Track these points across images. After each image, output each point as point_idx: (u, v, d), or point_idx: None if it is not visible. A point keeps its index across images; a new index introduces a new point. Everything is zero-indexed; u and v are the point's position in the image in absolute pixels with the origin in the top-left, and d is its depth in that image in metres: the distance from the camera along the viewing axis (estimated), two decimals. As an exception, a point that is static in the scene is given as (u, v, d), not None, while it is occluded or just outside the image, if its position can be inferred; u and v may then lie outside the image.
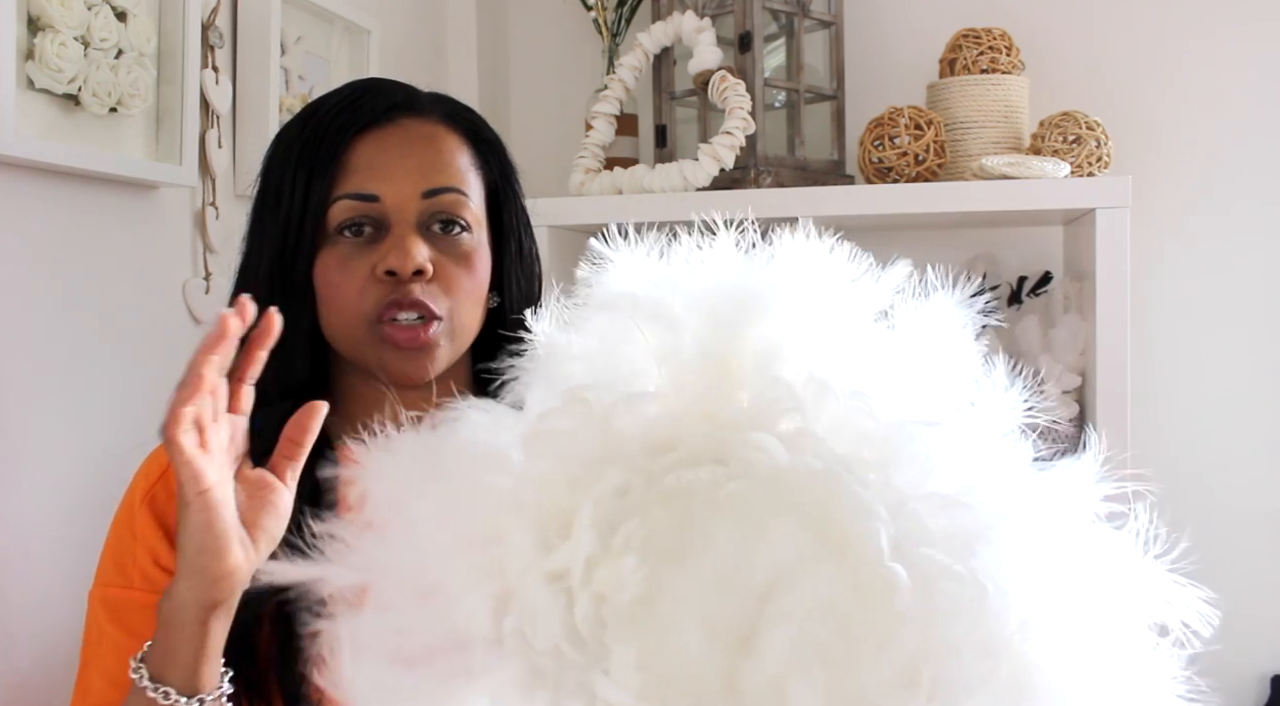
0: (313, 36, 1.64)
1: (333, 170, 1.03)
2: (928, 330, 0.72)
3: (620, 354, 0.68)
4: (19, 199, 1.20)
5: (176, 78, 1.36)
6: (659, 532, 0.60)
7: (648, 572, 0.58)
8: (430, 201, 1.04)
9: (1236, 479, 1.99)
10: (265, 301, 1.04)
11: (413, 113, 1.07)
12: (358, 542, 0.67)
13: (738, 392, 0.66)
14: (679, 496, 0.61)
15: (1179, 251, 2.01)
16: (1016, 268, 2.04)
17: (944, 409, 0.69)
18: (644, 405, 0.65)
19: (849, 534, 0.59)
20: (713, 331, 0.67)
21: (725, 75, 1.86)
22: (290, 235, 1.03)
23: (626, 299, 0.69)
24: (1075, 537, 0.66)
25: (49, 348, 1.24)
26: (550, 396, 0.68)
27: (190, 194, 1.43)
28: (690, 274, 0.71)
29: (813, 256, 0.73)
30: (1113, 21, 2.02)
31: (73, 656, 1.25)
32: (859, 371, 0.68)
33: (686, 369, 0.67)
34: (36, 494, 1.22)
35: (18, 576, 1.19)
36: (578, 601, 0.59)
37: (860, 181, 1.95)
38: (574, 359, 0.70)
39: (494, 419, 0.69)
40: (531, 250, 1.15)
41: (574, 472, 0.63)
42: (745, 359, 0.67)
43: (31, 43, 1.17)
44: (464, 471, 0.66)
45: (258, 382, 1.05)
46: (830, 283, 0.72)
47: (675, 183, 1.85)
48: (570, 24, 2.18)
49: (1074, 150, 1.78)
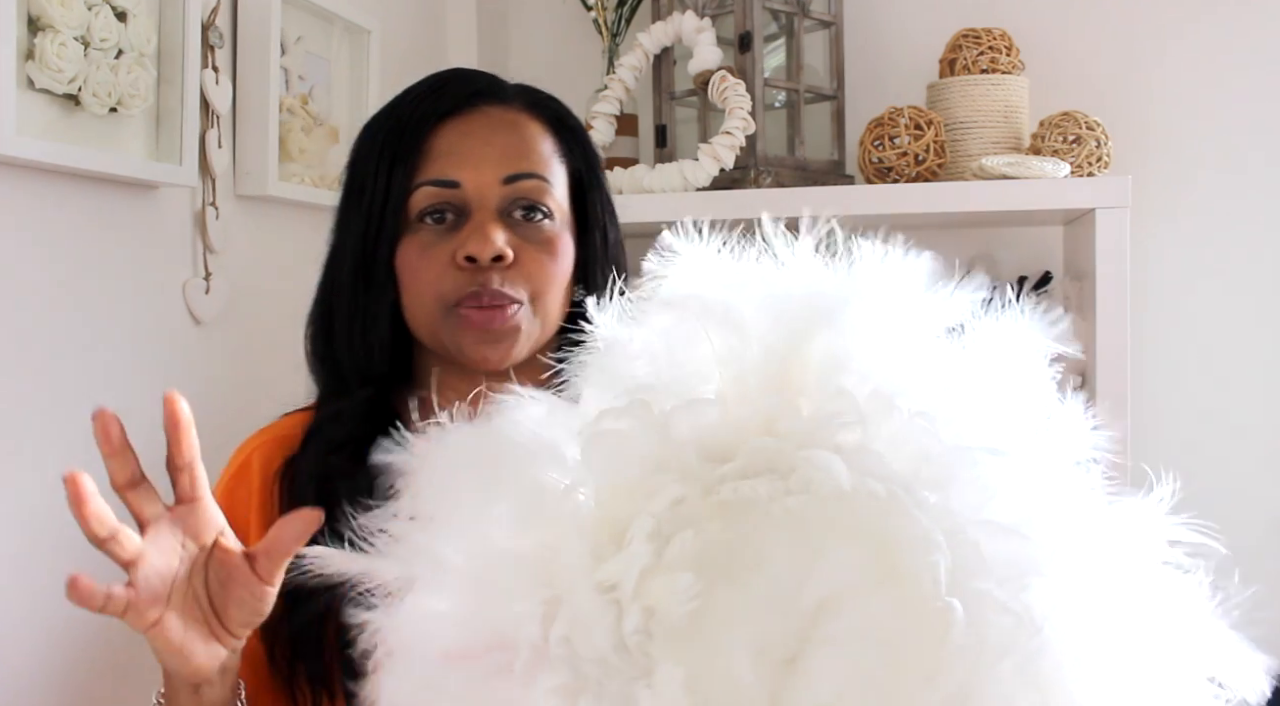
0: (313, 36, 1.64)
1: (415, 157, 1.03)
2: (1001, 350, 0.69)
3: (683, 354, 0.67)
4: (19, 199, 1.20)
5: (176, 78, 1.36)
6: (712, 547, 0.58)
7: (700, 589, 0.57)
8: (511, 187, 1.03)
9: (1237, 478, 1.99)
10: (350, 289, 1.05)
11: (495, 100, 1.07)
12: (405, 535, 0.66)
13: (799, 401, 0.64)
14: (735, 509, 0.59)
15: (1179, 251, 2.00)
16: (1016, 268, 2.03)
17: (1010, 434, 0.66)
18: (704, 411, 0.63)
19: (907, 562, 0.57)
20: (778, 337, 0.66)
21: (725, 75, 1.86)
22: (373, 223, 1.03)
23: (693, 299, 0.67)
24: (1136, 578, 0.65)
25: (49, 348, 1.24)
26: (608, 394, 0.66)
27: (190, 194, 1.43)
28: (761, 276, 0.69)
29: (888, 266, 0.71)
30: (1113, 21, 2.02)
31: (73, 657, 1.25)
32: (926, 388, 0.66)
33: (749, 373, 0.65)
34: (36, 494, 1.22)
35: (18, 576, 1.19)
36: (627, 613, 0.58)
37: (860, 181, 1.95)
38: (635, 356, 0.68)
39: (548, 411, 0.68)
40: (618, 241, 1.12)
41: (630, 478, 0.62)
42: (810, 367, 0.65)
43: (31, 43, 1.17)
44: (516, 466, 0.64)
45: (339, 370, 1.05)
46: (904, 294, 0.70)
47: (675, 183, 1.85)
48: (570, 24, 2.18)
49: (1074, 150, 1.78)
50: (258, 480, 1.05)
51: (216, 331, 1.48)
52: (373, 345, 1.04)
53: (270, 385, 1.58)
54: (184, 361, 1.43)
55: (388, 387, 1.07)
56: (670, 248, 0.71)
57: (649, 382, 0.66)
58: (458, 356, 1.03)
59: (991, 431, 0.66)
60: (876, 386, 0.64)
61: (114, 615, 0.75)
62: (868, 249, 0.71)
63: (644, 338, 0.68)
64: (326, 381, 1.09)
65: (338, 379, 1.07)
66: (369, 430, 0.97)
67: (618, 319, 0.70)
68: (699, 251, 0.71)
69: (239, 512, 1.03)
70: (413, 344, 1.08)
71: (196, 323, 1.44)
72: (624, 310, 0.70)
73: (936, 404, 0.64)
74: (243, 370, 1.53)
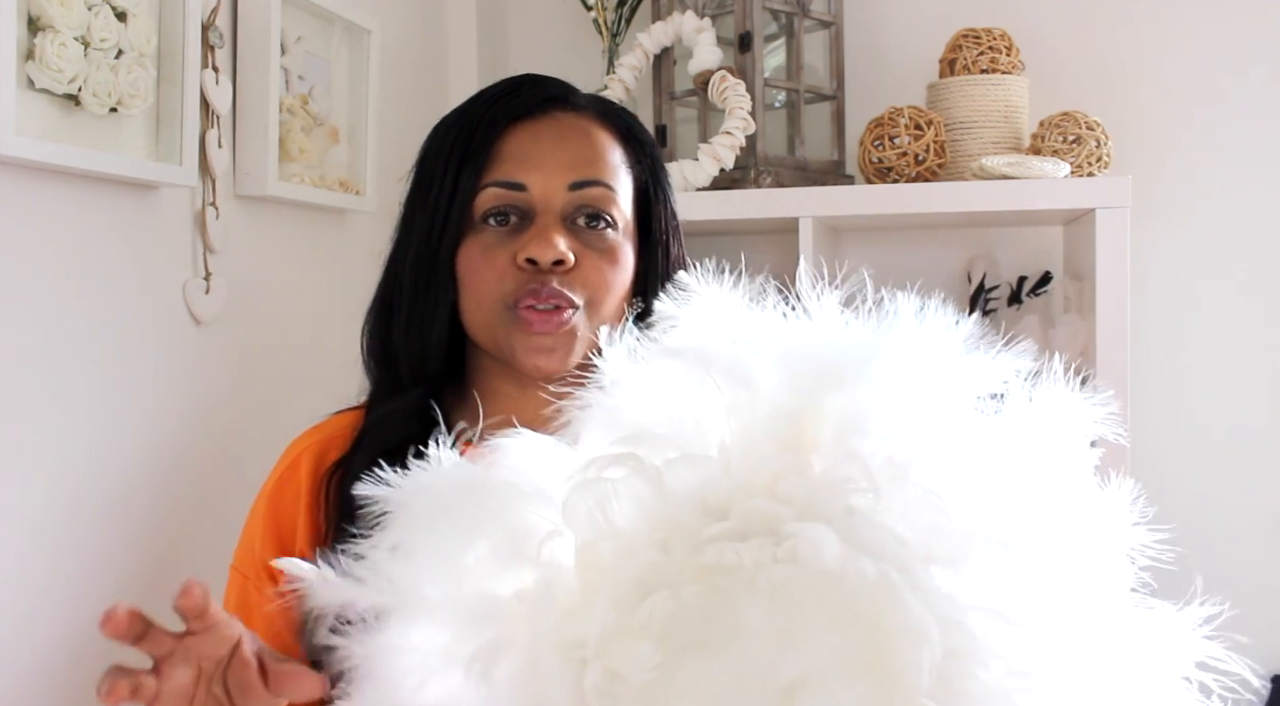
0: (313, 36, 1.64)
1: (483, 158, 1.03)
2: (1039, 426, 0.65)
3: (688, 403, 0.64)
4: (19, 199, 1.19)
5: (176, 78, 1.35)
6: (687, 612, 0.56)
7: (664, 660, 0.54)
8: (577, 194, 1.04)
9: (1237, 478, 1.99)
10: (411, 288, 1.05)
11: (567, 107, 1.07)
12: (384, 566, 0.65)
13: (810, 460, 0.61)
14: (717, 574, 0.56)
15: (1179, 251, 2.01)
16: (1016, 268, 2.04)
17: (1035, 521, 0.62)
18: (703, 466, 0.61)
19: (892, 652, 0.54)
20: (790, 394, 0.63)
21: (725, 75, 1.86)
22: (438, 221, 1.04)
23: (703, 347, 0.65)
24: (1148, 694, 0.61)
25: (49, 347, 1.24)
26: (607, 436, 0.64)
27: (190, 194, 1.43)
28: (779, 328, 0.66)
29: (923, 324, 0.67)
30: (1113, 21, 2.02)
31: (73, 657, 1.25)
32: (949, 460, 0.62)
33: (756, 429, 0.63)
34: (36, 494, 1.22)
35: (18, 576, 1.19)
36: (589, 671, 0.56)
37: (860, 181, 1.95)
38: (639, 399, 0.66)
39: (546, 451, 0.66)
40: (680, 256, 1.13)
41: (613, 530, 0.59)
42: (825, 426, 0.62)
43: (31, 43, 1.17)
44: (501, 505, 0.63)
45: (393, 369, 1.06)
46: (937, 356, 0.66)
47: (675, 183, 1.83)
48: (570, 24, 2.18)
49: (1074, 150, 1.78)
50: (307, 481, 1.05)
51: (216, 331, 1.48)
52: (430, 345, 1.05)
53: (270, 385, 1.58)
54: (184, 361, 1.43)
55: (439, 389, 1.07)
56: (686, 289, 0.68)
57: (649, 430, 0.63)
58: (511, 360, 1.03)
59: (1015, 515, 0.61)
60: (893, 453, 0.60)
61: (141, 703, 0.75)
62: (903, 304, 0.68)
63: (650, 381, 0.66)
64: (381, 380, 1.09)
65: (393, 378, 1.07)
66: (421, 431, 0.98)
67: (627, 357, 0.68)
68: (716, 296, 0.68)
69: (286, 513, 1.04)
70: (466, 345, 1.09)
71: (196, 323, 1.44)
72: (635, 348, 0.68)
73: (958, 478, 0.61)
74: (243, 370, 1.53)
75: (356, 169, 1.73)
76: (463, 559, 0.62)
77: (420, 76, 2.00)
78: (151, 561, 1.37)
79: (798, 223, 1.78)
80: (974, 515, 0.60)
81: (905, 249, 2.08)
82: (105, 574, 1.30)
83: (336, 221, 1.74)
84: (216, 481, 1.46)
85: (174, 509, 1.40)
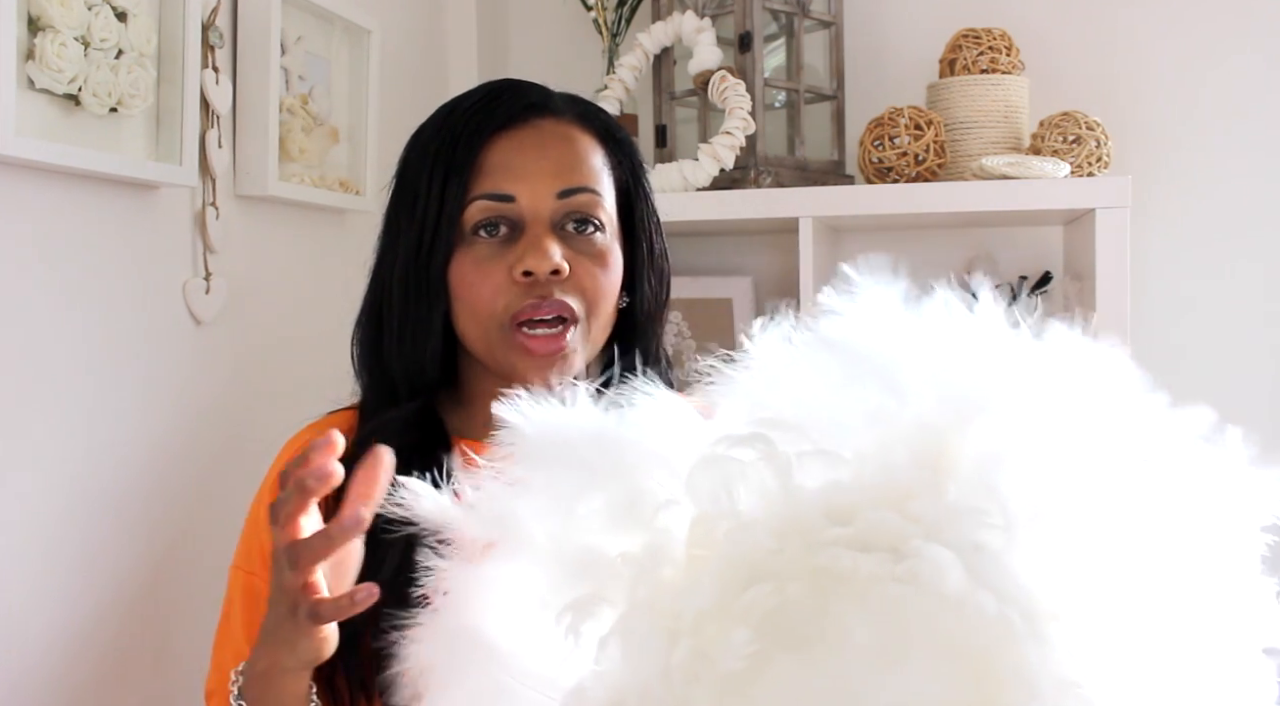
0: (313, 36, 1.64)
1: (469, 171, 1.04)
2: (1205, 496, 0.61)
3: (832, 400, 0.61)
4: (19, 199, 1.20)
5: (176, 78, 1.35)
6: (789, 609, 0.54)
7: (757, 651, 0.53)
8: (565, 202, 1.05)
9: (1236, 479, 1.99)
10: (401, 300, 1.05)
11: (548, 113, 1.08)
12: (497, 497, 0.64)
13: (947, 484, 0.58)
14: (829, 577, 0.54)
15: (1179, 251, 2.00)
16: (1016, 268, 2.04)
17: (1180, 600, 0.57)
18: (836, 466, 0.58)
19: (997, 697, 0.51)
20: (939, 412, 0.60)
21: (725, 75, 1.86)
22: (426, 235, 1.04)
23: (858, 345, 0.62)
24: None
25: (49, 348, 1.24)
26: (742, 415, 0.62)
27: (190, 194, 1.43)
28: (941, 340, 0.63)
29: (1088, 358, 0.63)
30: (1113, 21, 2.02)
31: (73, 657, 1.25)
32: (1096, 513, 0.58)
33: (899, 439, 0.59)
34: (36, 494, 1.22)
35: (17, 576, 1.19)
36: (678, 646, 0.54)
37: (860, 181, 1.95)
38: (782, 385, 0.64)
39: (679, 417, 0.65)
40: (662, 250, 1.15)
41: (733, 509, 0.58)
42: (967, 451, 0.59)
43: (31, 43, 1.17)
44: (625, 462, 0.62)
45: (388, 380, 1.07)
46: (1102, 397, 0.62)
47: (675, 183, 1.85)
48: (570, 24, 2.18)
49: (1074, 150, 1.78)
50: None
51: (216, 331, 1.48)
52: (425, 356, 1.06)
53: (270, 385, 1.58)
54: (184, 361, 1.43)
55: (435, 400, 1.08)
56: (850, 283, 0.66)
57: (786, 418, 0.61)
58: (510, 374, 1.03)
59: (1160, 592, 0.57)
60: (1035, 494, 0.56)
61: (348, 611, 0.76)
62: (1062, 333, 0.63)
63: (797, 369, 0.64)
64: (374, 390, 1.10)
65: (387, 388, 1.07)
66: (417, 439, 1.00)
67: (778, 342, 0.66)
68: (880, 293, 0.65)
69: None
70: (458, 350, 1.09)
71: (196, 323, 1.44)
72: (789, 335, 0.65)
73: (1102, 536, 0.57)
74: (243, 370, 1.53)
75: (356, 169, 1.73)
76: (576, 508, 0.61)
77: (420, 76, 2.00)
78: (151, 561, 1.37)
79: (798, 223, 1.78)
80: (1112, 580, 0.56)
81: (905, 249, 2.08)
82: (105, 573, 1.30)
83: (336, 221, 1.74)
84: (215, 481, 1.46)
85: (173, 508, 1.40)
